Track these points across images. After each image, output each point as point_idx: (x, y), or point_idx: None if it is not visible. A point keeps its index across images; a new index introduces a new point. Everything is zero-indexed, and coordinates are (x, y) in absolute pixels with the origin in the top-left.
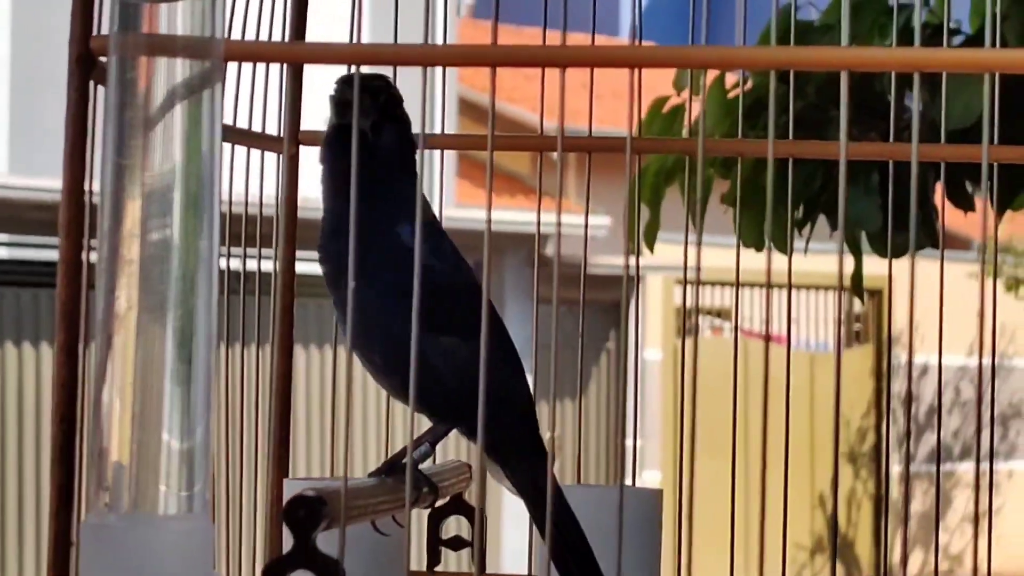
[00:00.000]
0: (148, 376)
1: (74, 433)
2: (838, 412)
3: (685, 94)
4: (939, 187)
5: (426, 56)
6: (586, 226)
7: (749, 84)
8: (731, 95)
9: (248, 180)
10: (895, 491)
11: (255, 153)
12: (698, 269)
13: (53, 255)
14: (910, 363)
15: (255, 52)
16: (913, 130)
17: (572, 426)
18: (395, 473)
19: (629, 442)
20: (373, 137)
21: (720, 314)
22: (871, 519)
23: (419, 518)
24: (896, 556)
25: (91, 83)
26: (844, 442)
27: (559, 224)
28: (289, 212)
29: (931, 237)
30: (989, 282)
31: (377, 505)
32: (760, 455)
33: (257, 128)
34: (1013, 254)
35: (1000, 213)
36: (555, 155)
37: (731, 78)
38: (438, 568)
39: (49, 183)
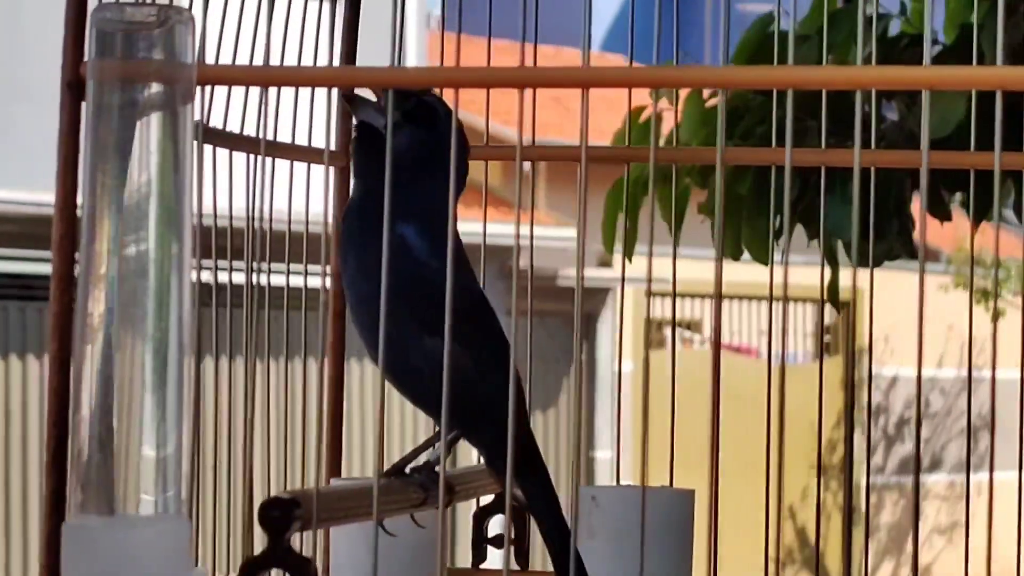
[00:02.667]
0: (124, 383)
1: (66, 438)
2: (781, 423)
3: (661, 104)
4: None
5: (392, 79)
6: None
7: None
8: (708, 105)
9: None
10: (864, 503)
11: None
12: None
13: (32, 268)
14: (851, 373)
15: (229, 76)
16: (855, 139)
17: (541, 436)
18: (401, 475)
19: (602, 454)
20: (387, 135)
21: (691, 326)
22: (840, 530)
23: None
24: (865, 567)
25: (83, 104)
26: (814, 453)
27: (517, 236)
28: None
29: (907, 247)
30: (957, 294)
31: (368, 507)
32: (741, 467)
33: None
34: (983, 266)
35: (976, 223)
36: (533, 167)
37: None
38: (483, 566)
39: (24, 196)
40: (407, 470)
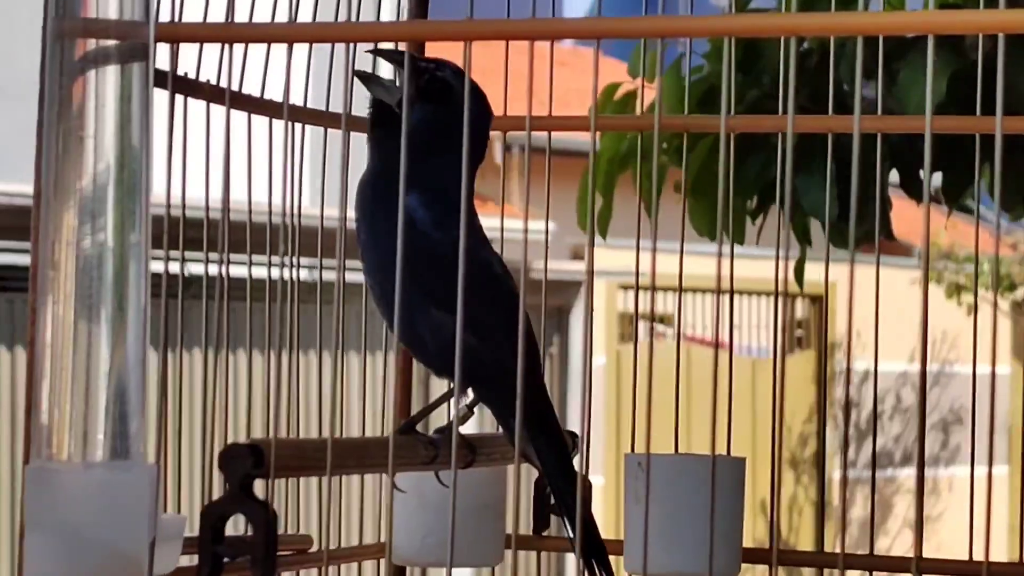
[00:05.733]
0: (81, 336)
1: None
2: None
3: (639, 81)
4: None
5: (346, 34)
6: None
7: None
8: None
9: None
10: (836, 497)
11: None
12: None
13: (20, 260)
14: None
15: (190, 34)
16: (790, 98)
17: None
18: (412, 432)
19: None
20: (400, 112)
21: (663, 319)
22: (813, 525)
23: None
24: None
25: None
26: (785, 448)
27: (463, 223)
28: None
29: (885, 229)
30: (932, 287)
31: (342, 460)
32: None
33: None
34: (954, 261)
35: (949, 208)
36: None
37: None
38: (545, 533)
39: (7, 187)
40: (428, 430)
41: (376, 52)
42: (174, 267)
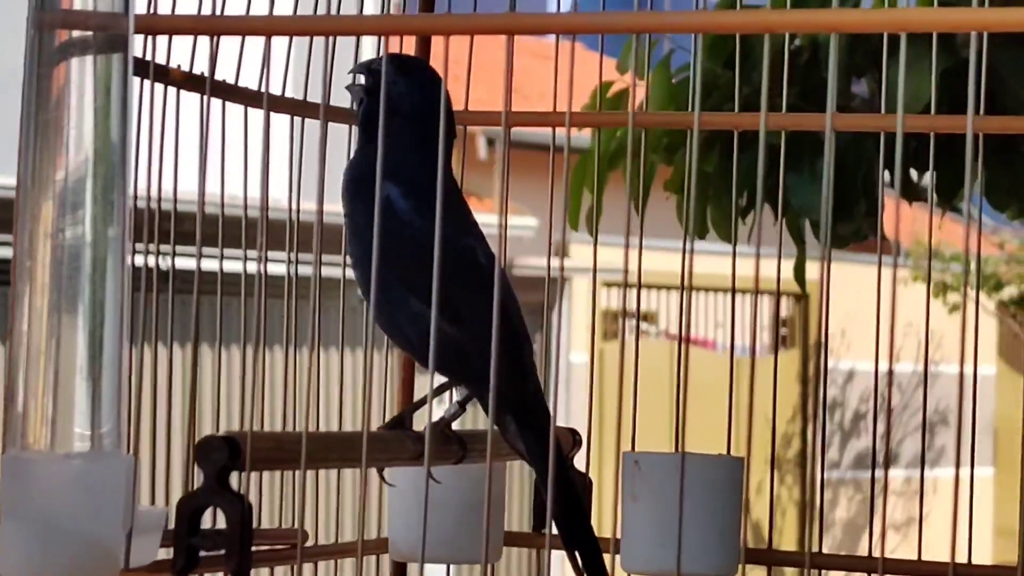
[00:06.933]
0: (59, 325)
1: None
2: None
3: (628, 78)
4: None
5: (326, 27)
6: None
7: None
8: (676, 79)
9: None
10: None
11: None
12: (548, 264)
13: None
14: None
15: (171, 25)
16: (762, 99)
17: None
18: (399, 428)
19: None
20: (359, 108)
21: (646, 317)
22: (796, 525)
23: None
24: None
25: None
26: (770, 446)
27: (439, 206)
28: None
29: (876, 228)
30: (915, 288)
31: (308, 453)
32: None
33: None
34: (940, 260)
35: (943, 208)
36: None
37: (677, 62)
38: (543, 531)
39: None
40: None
41: (352, 71)
42: (154, 260)
